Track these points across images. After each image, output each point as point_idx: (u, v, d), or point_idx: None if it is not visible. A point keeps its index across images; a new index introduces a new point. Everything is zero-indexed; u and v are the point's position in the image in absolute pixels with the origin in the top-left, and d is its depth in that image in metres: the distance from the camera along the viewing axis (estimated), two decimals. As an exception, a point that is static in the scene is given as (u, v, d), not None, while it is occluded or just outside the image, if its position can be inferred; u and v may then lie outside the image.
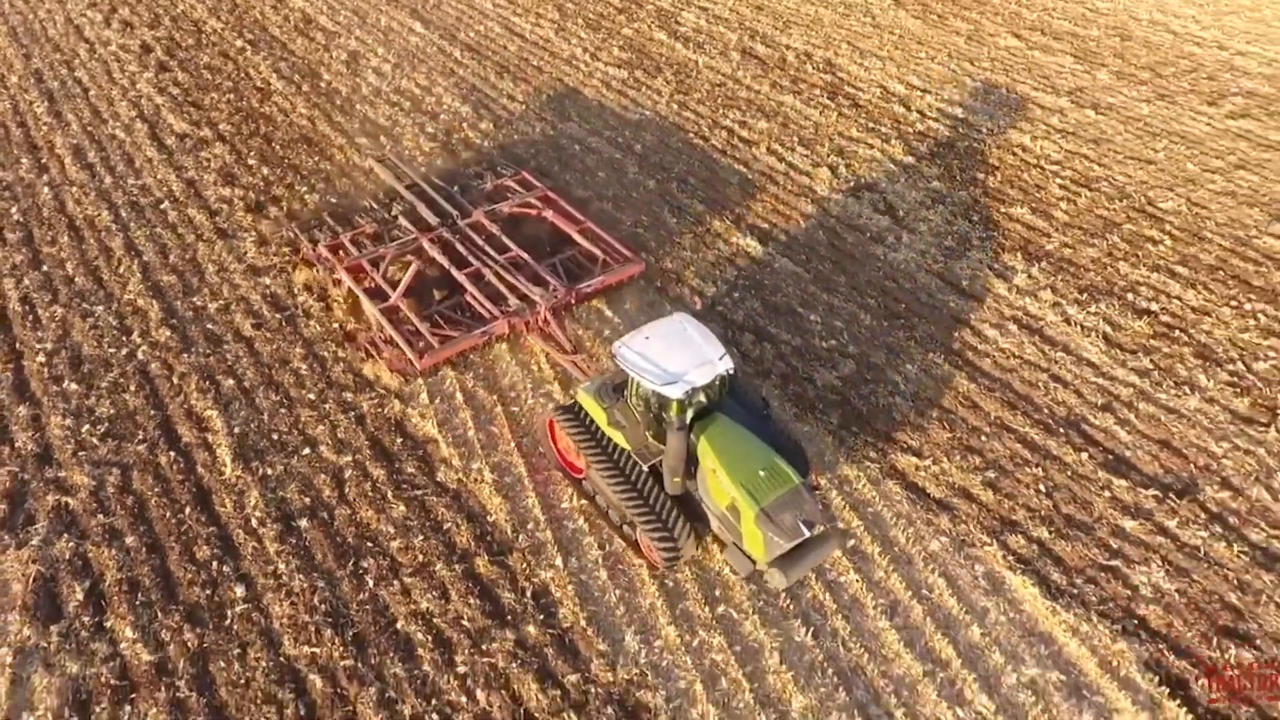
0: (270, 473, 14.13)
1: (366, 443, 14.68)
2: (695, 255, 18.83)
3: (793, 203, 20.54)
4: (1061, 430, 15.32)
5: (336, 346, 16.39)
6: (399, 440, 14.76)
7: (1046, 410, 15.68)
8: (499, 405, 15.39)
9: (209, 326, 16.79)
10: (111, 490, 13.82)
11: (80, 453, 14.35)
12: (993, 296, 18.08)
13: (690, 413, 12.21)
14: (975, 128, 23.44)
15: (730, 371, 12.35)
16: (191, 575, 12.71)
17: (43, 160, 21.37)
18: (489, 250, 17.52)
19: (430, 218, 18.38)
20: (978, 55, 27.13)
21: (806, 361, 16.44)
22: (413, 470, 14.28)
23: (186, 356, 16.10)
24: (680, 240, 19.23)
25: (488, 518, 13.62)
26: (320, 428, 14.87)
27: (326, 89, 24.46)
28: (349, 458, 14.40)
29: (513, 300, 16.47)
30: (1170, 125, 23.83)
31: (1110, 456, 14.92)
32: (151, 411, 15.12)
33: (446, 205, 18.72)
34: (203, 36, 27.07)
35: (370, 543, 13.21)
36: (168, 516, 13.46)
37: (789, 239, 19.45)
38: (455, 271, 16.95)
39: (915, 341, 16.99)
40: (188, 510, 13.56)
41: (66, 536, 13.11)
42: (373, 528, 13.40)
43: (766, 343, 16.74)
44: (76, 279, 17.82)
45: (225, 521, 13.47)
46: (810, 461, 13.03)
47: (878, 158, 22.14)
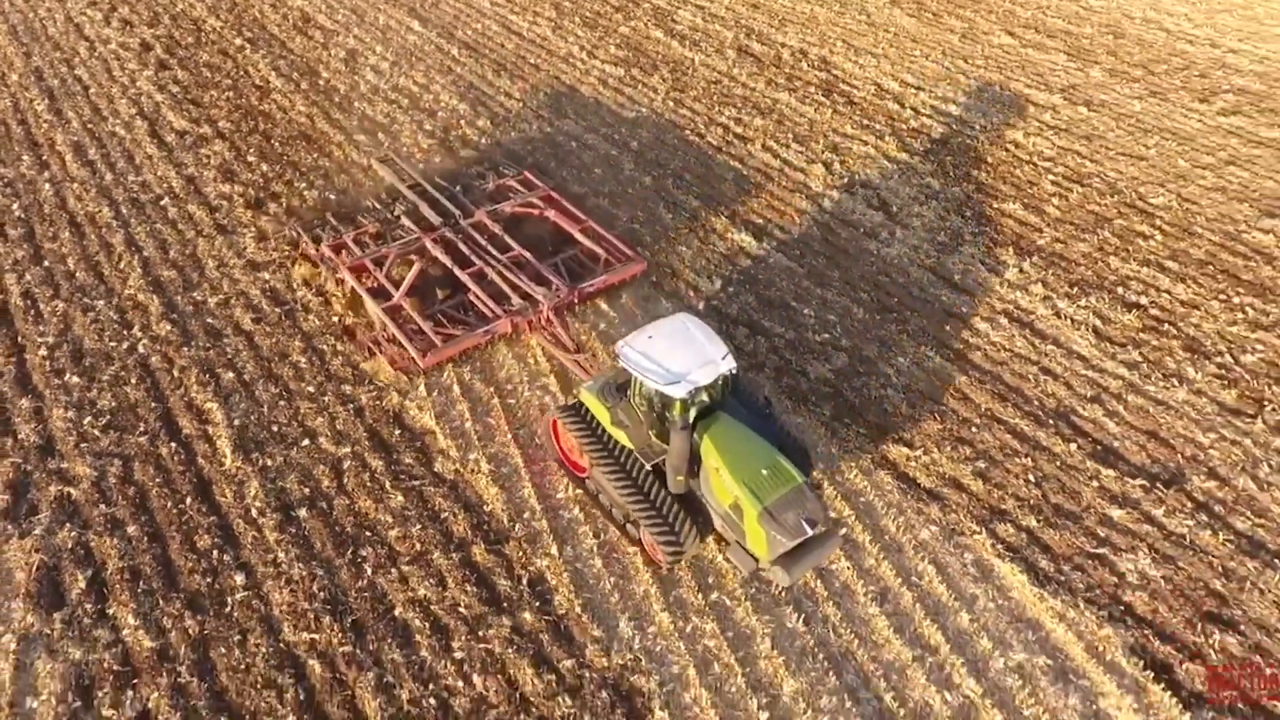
0: (270, 463, 14.30)
1: (365, 434, 14.86)
2: (690, 251, 19.01)
3: (787, 199, 20.73)
4: (1051, 421, 15.52)
5: (335, 340, 16.58)
6: (397, 432, 14.94)
7: (1036, 402, 15.88)
8: (496, 398, 15.57)
9: (209, 320, 16.97)
10: (113, 481, 13.99)
11: (82, 444, 14.52)
12: (984, 291, 18.28)
13: (693, 412, 12.31)
14: (969, 124, 23.63)
15: (733, 371, 12.40)
16: (192, 564, 12.89)
17: (44, 157, 21.55)
18: (491, 250, 17.61)
19: (433, 217, 18.47)
20: (972, 53, 27.33)
21: (800, 354, 16.63)
22: (410, 461, 14.46)
23: (187, 350, 16.28)
24: (676, 236, 19.42)
25: (484, 507, 13.81)
26: (319, 419, 15.05)
27: (325, 87, 24.64)
28: (348, 449, 14.58)
29: (515, 299, 16.60)
30: (1162, 122, 24.03)
31: (1099, 447, 15.12)
32: (152, 404, 15.30)
33: (449, 205, 18.82)
34: (202, 35, 27.26)
35: (368, 532, 13.39)
36: (169, 506, 13.64)
37: (783, 234, 19.63)
38: (458, 271, 17.05)
39: (907, 335, 17.18)
40: (188, 500, 13.74)
41: (69, 526, 13.29)
42: (371, 517, 13.59)
43: (760, 336, 16.93)
44: (78, 274, 18.00)
45: (225, 511, 13.65)
46: (814, 460, 13.14)
47: (872, 154, 22.33)
